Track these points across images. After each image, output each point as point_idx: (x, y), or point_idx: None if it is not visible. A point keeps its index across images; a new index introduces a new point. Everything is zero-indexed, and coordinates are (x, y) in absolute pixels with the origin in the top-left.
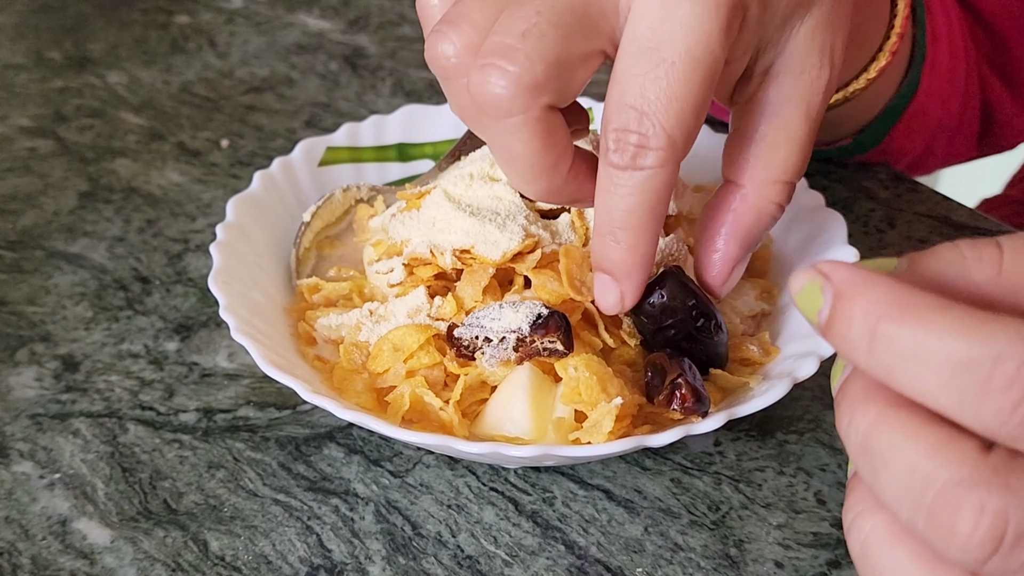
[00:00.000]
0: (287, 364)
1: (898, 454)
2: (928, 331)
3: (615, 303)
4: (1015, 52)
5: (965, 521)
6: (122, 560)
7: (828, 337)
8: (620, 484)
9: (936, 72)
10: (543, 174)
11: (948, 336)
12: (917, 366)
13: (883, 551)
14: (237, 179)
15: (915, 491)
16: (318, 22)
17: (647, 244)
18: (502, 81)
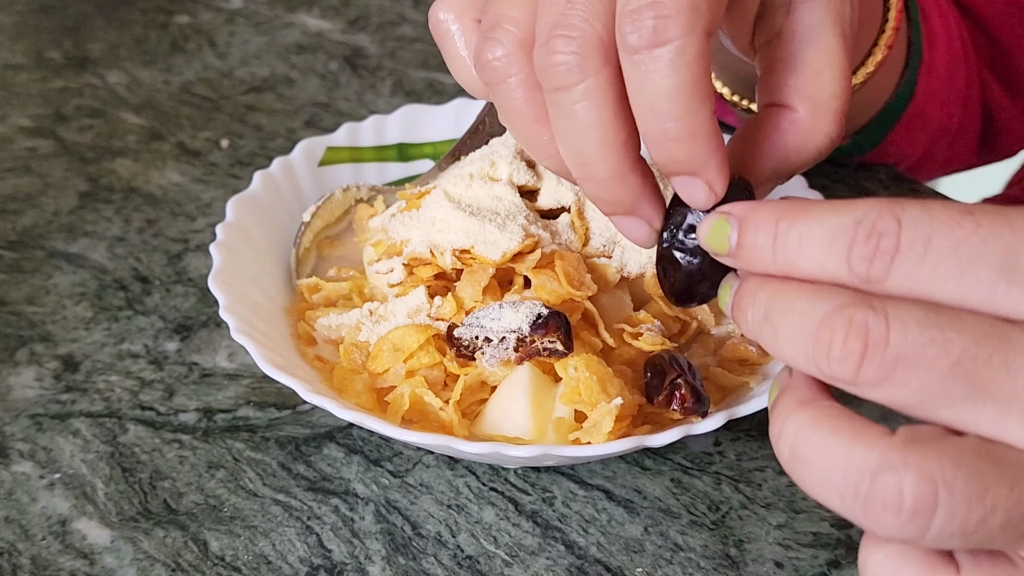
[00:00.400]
0: (287, 364)
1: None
2: (811, 217)
3: (706, 197)
4: (1014, 57)
5: (839, 333)
6: (122, 560)
7: (738, 255)
8: (620, 484)
9: (934, 74)
10: (613, 151)
11: (826, 216)
12: (807, 245)
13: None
14: (237, 179)
15: (805, 329)
16: (318, 22)
17: (705, 125)
18: (567, 47)
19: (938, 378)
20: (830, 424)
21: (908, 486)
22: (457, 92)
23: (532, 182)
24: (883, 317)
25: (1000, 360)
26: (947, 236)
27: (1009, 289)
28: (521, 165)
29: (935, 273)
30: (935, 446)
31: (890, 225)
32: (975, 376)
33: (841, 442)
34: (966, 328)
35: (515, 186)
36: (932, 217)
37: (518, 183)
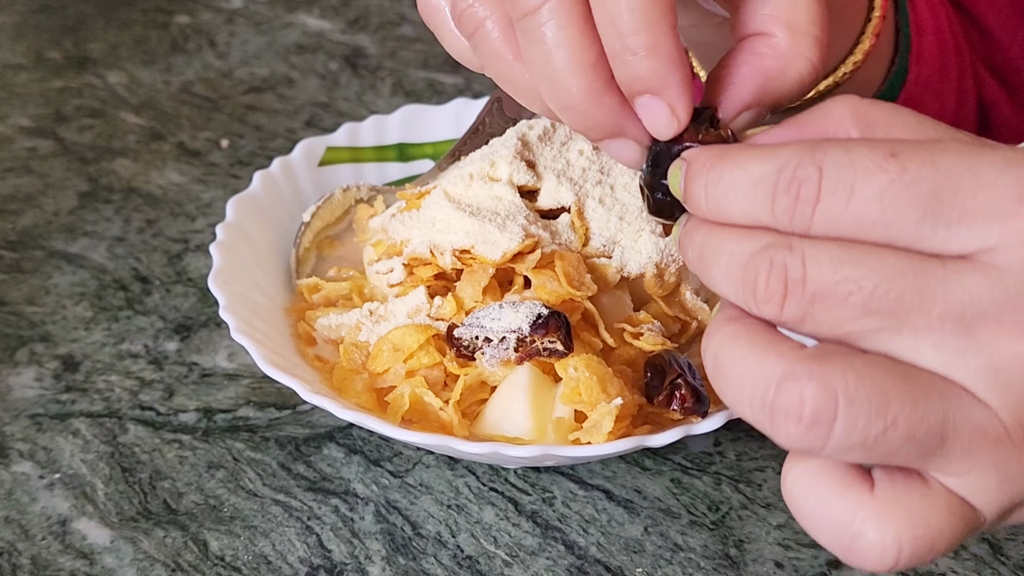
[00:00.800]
0: (287, 364)
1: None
2: (738, 164)
3: (668, 121)
4: (1009, 52)
5: (761, 275)
6: (122, 560)
7: (688, 200)
8: (620, 484)
9: (924, 62)
10: (583, 70)
11: (750, 164)
12: (734, 191)
13: (727, 351)
14: (237, 179)
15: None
16: (318, 22)
17: (667, 40)
18: None
19: (853, 313)
20: (748, 338)
21: (809, 395)
22: (457, 92)
23: (532, 182)
24: (800, 257)
25: (913, 294)
26: (871, 183)
27: (934, 231)
28: (521, 165)
29: (860, 220)
30: (843, 359)
31: (811, 172)
32: (888, 311)
33: (755, 354)
34: (881, 264)
35: (515, 186)
36: (855, 162)
37: (518, 183)
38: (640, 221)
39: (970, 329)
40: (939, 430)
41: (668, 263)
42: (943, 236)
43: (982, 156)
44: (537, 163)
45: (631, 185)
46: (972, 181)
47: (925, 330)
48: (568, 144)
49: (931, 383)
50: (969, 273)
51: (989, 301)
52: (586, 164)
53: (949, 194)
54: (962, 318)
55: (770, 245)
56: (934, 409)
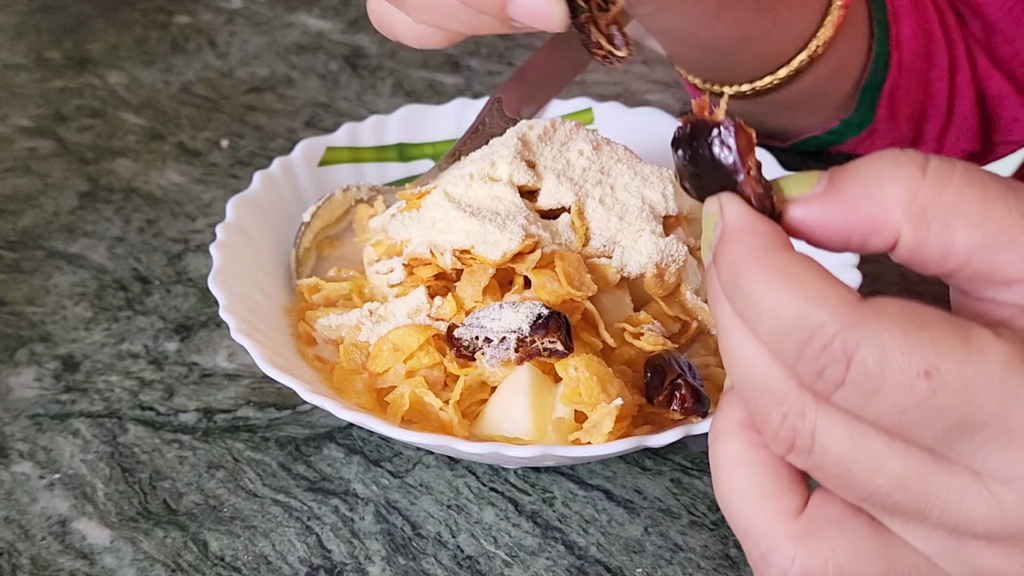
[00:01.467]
0: (287, 364)
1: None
2: (769, 294)
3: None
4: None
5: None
6: (122, 560)
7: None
8: (620, 484)
9: (905, 47)
10: None
11: (784, 302)
12: (759, 320)
13: (728, 474)
14: (237, 179)
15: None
16: (318, 22)
17: None
18: None
19: (850, 497)
20: (749, 472)
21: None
22: (457, 92)
23: (532, 182)
24: (810, 433)
25: (911, 504)
26: (896, 396)
27: (948, 450)
28: (521, 165)
29: (878, 419)
30: (828, 544)
31: (840, 357)
32: (884, 508)
33: (751, 500)
34: (887, 468)
35: (515, 186)
36: (886, 369)
37: (518, 183)
38: (640, 221)
39: (960, 540)
40: None
41: (668, 263)
42: (956, 454)
43: (1021, 394)
44: (537, 163)
45: (631, 185)
46: (1002, 422)
47: (916, 526)
48: (568, 144)
49: (913, 567)
50: (972, 497)
51: (984, 528)
52: (586, 164)
53: (973, 428)
54: (955, 531)
55: (784, 402)
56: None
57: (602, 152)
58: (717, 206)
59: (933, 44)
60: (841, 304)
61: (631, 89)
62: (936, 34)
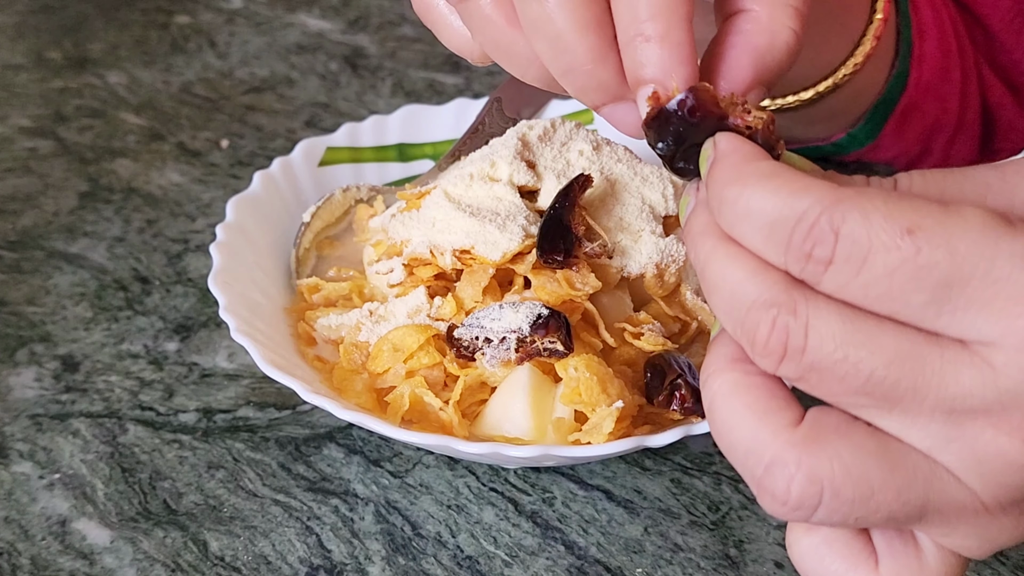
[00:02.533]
0: (287, 364)
1: (724, 278)
2: (754, 195)
3: None
4: (1014, 55)
5: (762, 332)
6: (122, 560)
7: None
8: (620, 484)
9: (926, 66)
10: (589, 27)
11: (767, 199)
12: (748, 224)
13: (724, 403)
14: (237, 179)
15: (735, 309)
16: (318, 22)
17: (681, 31)
18: None
19: (847, 390)
20: (746, 397)
21: (795, 484)
22: (457, 92)
23: (532, 182)
24: (803, 326)
25: (908, 383)
26: (883, 258)
27: (938, 314)
28: (521, 165)
29: (867, 291)
30: (832, 445)
31: (827, 234)
32: (882, 395)
33: (749, 420)
34: (880, 348)
35: (515, 186)
36: (871, 233)
37: (518, 183)
38: (640, 221)
39: (959, 421)
40: (919, 512)
41: (668, 263)
42: (946, 320)
43: (1001, 245)
44: (537, 163)
45: (631, 185)
46: (985, 273)
47: (915, 415)
48: (568, 144)
49: (915, 466)
50: (965, 366)
51: (980, 398)
52: (586, 164)
53: (959, 283)
54: (952, 411)
55: (775, 302)
56: (916, 495)
57: (602, 152)
58: (711, 145)
59: (950, 57)
60: (824, 189)
61: None
62: (953, 49)
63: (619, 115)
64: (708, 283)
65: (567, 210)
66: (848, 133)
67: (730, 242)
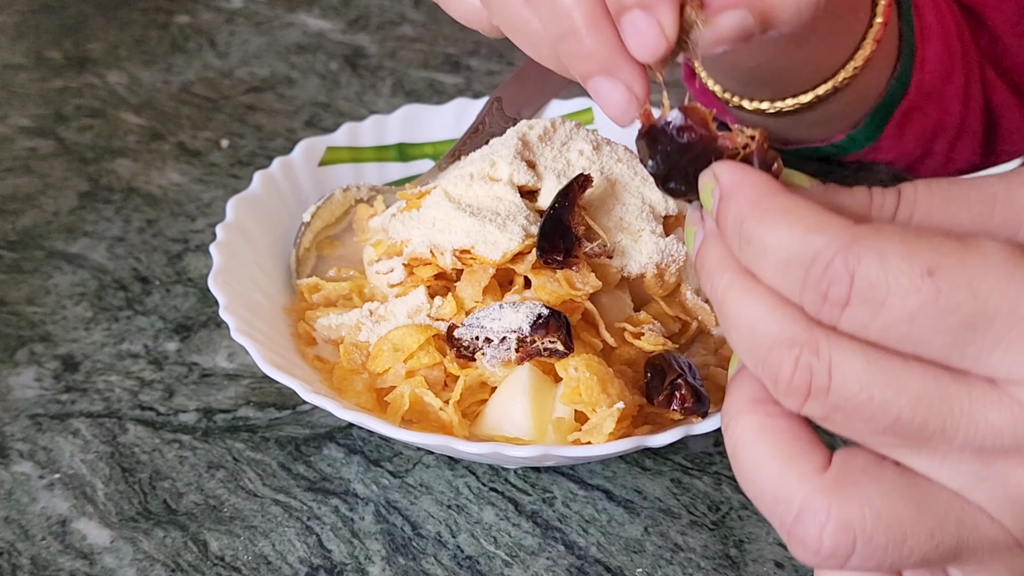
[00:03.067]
0: (287, 364)
1: (743, 315)
2: (773, 232)
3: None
4: (1019, 58)
5: (784, 372)
6: (122, 560)
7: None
8: (620, 484)
9: (928, 68)
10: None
11: (785, 236)
12: (765, 261)
13: (748, 448)
14: (237, 179)
15: (756, 346)
16: (318, 22)
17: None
18: None
19: (874, 430)
20: (770, 441)
21: (828, 533)
22: (457, 92)
23: (532, 182)
24: (826, 366)
25: (936, 423)
26: (902, 302)
27: (963, 356)
28: (521, 165)
29: (888, 333)
30: (861, 491)
31: (842, 275)
32: (910, 434)
33: (776, 466)
34: (907, 388)
35: (515, 186)
36: (888, 277)
37: (518, 183)
38: (640, 221)
39: (989, 460)
40: (952, 551)
41: (668, 263)
42: (972, 360)
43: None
44: (537, 163)
45: (631, 185)
46: (1010, 312)
47: (944, 454)
48: (568, 144)
49: (947, 506)
50: (994, 406)
51: (1011, 437)
52: (586, 164)
53: (984, 323)
54: (982, 450)
55: (797, 343)
56: (949, 535)
57: (602, 152)
58: (711, 176)
59: (953, 60)
60: (839, 227)
61: None
62: (956, 52)
63: (606, 91)
64: (727, 319)
65: (567, 210)
66: (848, 135)
67: (748, 276)
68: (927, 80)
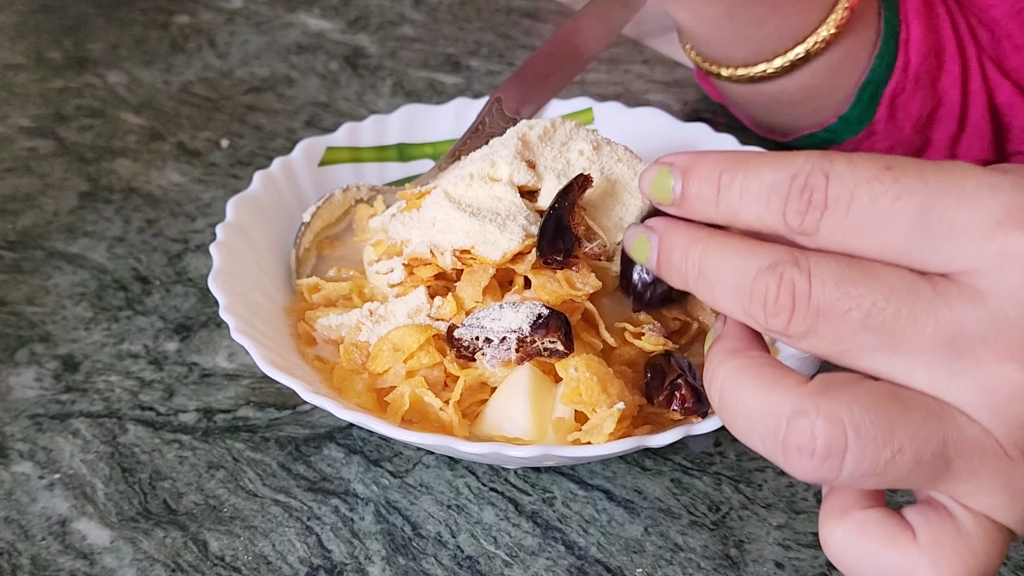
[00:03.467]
0: (287, 364)
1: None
2: (751, 170)
3: None
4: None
5: (771, 290)
6: (122, 560)
7: (682, 205)
8: (620, 484)
9: (913, 50)
10: None
11: (763, 169)
12: (747, 197)
13: (733, 386)
14: (237, 179)
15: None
16: (318, 22)
17: None
18: None
19: (852, 329)
20: (753, 373)
21: (819, 429)
22: (457, 92)
23: (532, 182)
24: (806, 273)
25: (907, 313)
26: (867, 191)
27: (921, 244)
28: (521, 165)
29: (857, 227)
30: (846, 391)
31: (819, 180)
32: (884, 328)
33: (761, 390)
34: (878, 283)
35: (515, 186)
36: (856, 172)
37: (518, 183)
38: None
39: (959, 352)
40: (943, 451)
41: None
42: (929, 252)
43: (969, 176)
44: (537, 163)
45: (631, 186)
46: (956, 199)
47: (918, 351)
48: (568, 144)
49: (928, 406)
50: (956, 296)
51: (975, 325)
52: (586, 164)
53: (936, 211)
54: (952, 341)
55: (779, 262)
56: (935, 432)
57: (602, 152)
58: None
59: (945, 49)
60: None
61: (631, 89)
62: (948, 39)
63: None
64: (708, 276)
65: (567, 210)
66: (839, 117)
67: (721, 235)
68: (913, 63)
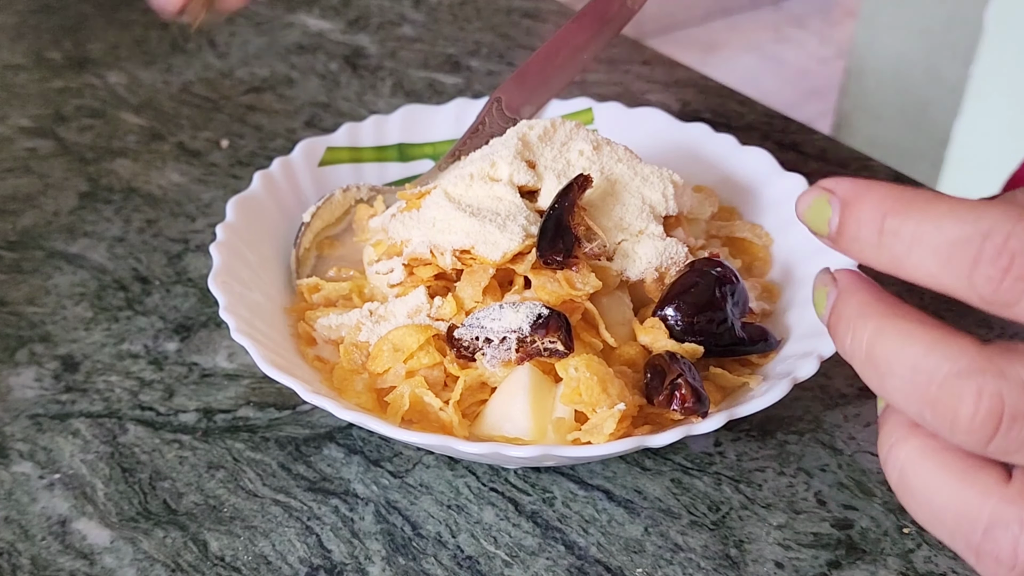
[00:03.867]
0: (287, 364)
1: (900, 356)
2: (927, 219)
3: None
4: None
5: (966, 406)
6: (122, 560)
7: (839, 243)
8: (620, 484)
9: None
10: None
11: (944, 220)
12: (920, 250)
13: (917, 471)
14: (237, 179)
15: (920, 387)
16: (318, 22)
17: None
18: None
19: None
20: (941, 459)
21: (1023, 545)
22: (457, 92)
23: (532, 182)
24: (1018, 387)
25: None
26: None
27: None
28: (521, 165)
29: None
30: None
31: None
32: None
33: (952, 483)
34: None
35: (515, 186)
36: None
37: (518, 183)
38: (640, 221)
39: None
40: None
41: (668, 266)
42: None
43: None
44: (537, 163)
45: (631, 185)
46: None
47: None
48: (568, 144)
49: None
50: None
51: None
52: (586, 164)
53: None
54: None
55: (975, 369)
56: None
57: (602, 152)
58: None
59: None
60: (1000, 207)
61: (631, 89)
62: None
63: None
64: (879, 366)
65: (567, 210)
66: None
67: (898, 318)
68: None
